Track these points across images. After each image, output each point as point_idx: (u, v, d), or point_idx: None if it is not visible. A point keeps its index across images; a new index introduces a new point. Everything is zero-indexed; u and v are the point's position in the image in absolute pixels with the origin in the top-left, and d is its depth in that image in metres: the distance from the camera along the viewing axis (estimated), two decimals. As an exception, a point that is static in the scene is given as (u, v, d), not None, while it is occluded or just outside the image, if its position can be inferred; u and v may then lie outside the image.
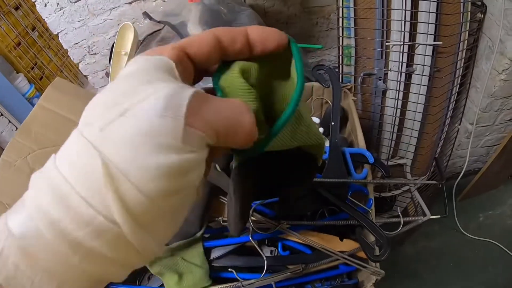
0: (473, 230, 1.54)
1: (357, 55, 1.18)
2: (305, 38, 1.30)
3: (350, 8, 1.13)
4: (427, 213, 0.69)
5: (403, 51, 1.14)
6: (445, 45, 1.14)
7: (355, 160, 0.74)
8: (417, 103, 1.18)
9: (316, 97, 0.91)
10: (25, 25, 2.10)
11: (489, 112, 1.35)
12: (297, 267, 0.60)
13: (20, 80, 2.01)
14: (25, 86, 2.04)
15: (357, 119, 0.82)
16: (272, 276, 0.60)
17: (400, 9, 1.11)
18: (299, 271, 0.60)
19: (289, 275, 0.60)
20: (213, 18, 0.86)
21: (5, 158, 0.83)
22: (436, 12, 1.10)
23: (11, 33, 1.99)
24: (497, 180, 1.63)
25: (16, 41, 2.02)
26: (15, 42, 2.01)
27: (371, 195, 0.69)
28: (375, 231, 0.62)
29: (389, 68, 1.17)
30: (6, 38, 1.96)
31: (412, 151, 1.26)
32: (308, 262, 0.62)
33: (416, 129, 1.22)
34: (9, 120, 1.87)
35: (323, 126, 0.82)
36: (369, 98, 1.22)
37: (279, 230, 0.62)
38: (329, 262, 0.62)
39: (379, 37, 1.15)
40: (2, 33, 1.94)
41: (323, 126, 0.82)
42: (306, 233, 0.62)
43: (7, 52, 1.95)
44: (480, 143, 1.49)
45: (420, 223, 0.69)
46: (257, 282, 0.59)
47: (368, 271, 0.60)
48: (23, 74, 2.04)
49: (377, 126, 1.23)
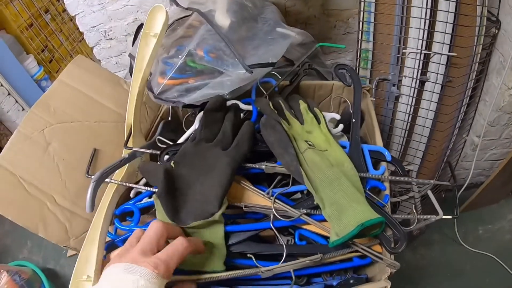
0: (472, 243, 1.56)
1: (373, 59, 1.20)
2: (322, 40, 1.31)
3: (371, 13, 1.15)
4: (440, 213, 0.70)
5: (419, 58, 1.16)
6: (460, 56, 1.16)
7: (372, 157, 0.75)
8: (428, 110, 1.20)
9: (336, 96, 0.92)
10: (38, 6, 2.10)
11: (496, 126, 1.37)
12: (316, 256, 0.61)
13: (30, 62, 2.01)
14: (34, 68, 2.04)
15: (375, 119, 0.83)
16: (291, 264, 0.60)
17: (418, 18, 1.13)
18: (318, 259, 0.60)
19: (307, 263, 0.60)
20: (241, 9, 0.87)
21: (21, 130, 0.82)
22: (453, 23, 1.12)
23: (24, 13, 1.99)
24: (499, 195, 1.65)
25: (28, 22, 2.03)
26: (27, 23, 2.02)
27: (388, 191, 0.70)
28: (392, 224, 0.63)
29: (404, 75, 1.18)
30: (19, 18, 1.96)
31: (419, 157, 1.28)
32: (326, 252, 0.62)
33: (425, 135, 1.24)
34: (16, 100, 1.87)
35: (342, 123, 0.83)
36: (382, 103, 1.23)
37: (300, 218, 0.62)
38: (347, 253, 0.63)
39: (397, 43, 1.16)
40: (15, 13, 1.94)
41: (342, 123, 0.83)
42: (325, 223, 0.63)
43: (19, 32, 1.96)
44: (485, 156, 1.51)
45: (433, 221, 0.70)
46: (276, 268, 0.60)
47: (385, 262, 0.61)
48: (33, 55, 2.04)
49: (387, 130, 1.24)
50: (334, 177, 0.62)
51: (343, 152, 0.70)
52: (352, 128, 0.77)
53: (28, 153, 0.81)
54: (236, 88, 0.73)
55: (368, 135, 0.87)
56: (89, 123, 0.87)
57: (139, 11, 1.32)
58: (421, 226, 0.77)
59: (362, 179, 0.67)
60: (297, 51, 1.05)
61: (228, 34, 0.78)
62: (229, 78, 0.72)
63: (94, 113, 0.88)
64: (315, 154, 0.67)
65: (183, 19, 0.86)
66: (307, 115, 0.77)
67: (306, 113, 0.78)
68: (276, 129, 0.70)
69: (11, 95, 1.85)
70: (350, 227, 0.54)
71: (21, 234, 1.90)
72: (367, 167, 0.72)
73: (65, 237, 0.79)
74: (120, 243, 0.69)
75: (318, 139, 0.73)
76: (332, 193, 0.60)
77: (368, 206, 0.58)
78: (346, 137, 0.84)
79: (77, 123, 0.87)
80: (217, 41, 0.76)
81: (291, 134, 0.71)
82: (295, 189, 0.68)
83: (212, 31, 0.77)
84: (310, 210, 0.64)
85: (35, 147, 0.82)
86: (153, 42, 0.74)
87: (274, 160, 0.71)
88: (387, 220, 0.61)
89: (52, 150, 0.83)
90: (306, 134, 0.74)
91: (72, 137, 0.85)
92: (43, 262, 1.80)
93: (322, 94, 0.92)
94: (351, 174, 0.66)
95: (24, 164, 0.80)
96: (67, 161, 0.83)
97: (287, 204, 0.65)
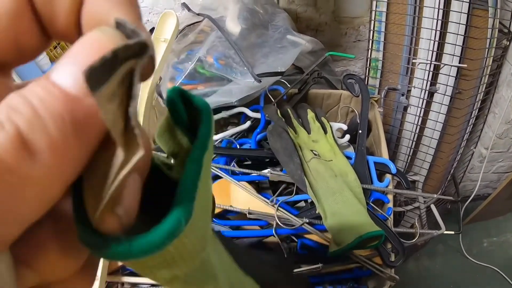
0: (476, 255, 1.55)
1: (383, 69, 1.20)
2: (333, 47, 1.32)
3: (382, 22, 1.15)
4: (442, 227, 0.71)
5: (428, 69, 1.15)
6: (470, 68, 1.16)
7: (378, 169, 0.76)
8: (436, 121, 1.19)
9: (343, 105, 0.92)
10: (53, 4, 2.13)
11: (505, 138, 1.36)
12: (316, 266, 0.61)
13: (42, 58, 2.02)
14: (46, 64, 2.06)
15: (382, 130, 0.84)
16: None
17: (429, 29, 1.13)
18: (318, 269, 0.61)
19: (307, 272, 0.61)
20: (252, 16, 0.88)
21: None
22: (464, 35, 1.12)
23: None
24: (505, 208, 1.64)
25: (43, 19, 2.05)
26: (42, 20, 2.04)
27: (391, 204, 0.71)
28: (392, 238, 0.63)
29: (413, 85, 1.18)
30: (34, 15, 1.99)
31: (426, 168, 1.27)
32: (327, 262, 0.63)
33: (432, 146, 1.23)
34: None
35: (349, 133, 0.83)
36: (391, 112, 1.23)
37: (302, 227, 0.63)
38: (347, 264, 0.63)
39: (407, 54, 1.16)
40: (31, 10, 1.97)
41: (349, 133, 0.83)
42: (327, 233, 0.64)
43: (34, 29, 1.98)
44: (492, 168, 1.50)
45: (435, 235, 0.71)
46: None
47: (384, 275, 0.61)
48: (45, 52, 2.06)
49: (395, 140, 1.24)
50: (337, 188, 0.63)
51: (348, 163, 0.71)
52: (358, 139, 0.78)
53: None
54: (244, 96, 0.74)
55: (375, 145, 0.87)
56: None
57: (151, 13, 1.33)
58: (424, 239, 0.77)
59: (365, 191, 0.68)
60: (307, 58, 1.06)
61: (238, 41, 0.79)
62: (237, 86, 0.73)
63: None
64: (320, 164, 0.68)
65: (194, 25, 0.87)
66: (314, 124, 0.78)
67: (314, 123, 0.78)
68: (282, 136, 0.71)
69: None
70: (349, 238, 0.55)
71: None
72: (371, 178, 0.73)
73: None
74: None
75: (324, 148, 0.74)
76: (334, 204, 0.61)
77: (368, 219, 0.59)
78: (352, 147, 0.84)
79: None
80: (227, 48, 0.77)
81: (297, 142, 0.72)
82: (299, 198, 0.69)
83: (223, 38, 0.78)
84: (312, 220, 0.64)
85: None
86: (163, 48, 0.75)
87: (280, 167, 0.72)
88: (386, 234, 0.62)
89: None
90: (312, 143, 0.75)
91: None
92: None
93: (331, 103, 0.93)
94: (354, 185, 0.66)
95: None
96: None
97: (290, 212, 0.66)
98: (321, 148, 0.74)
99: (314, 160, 0.68)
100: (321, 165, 0.67)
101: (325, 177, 0.65)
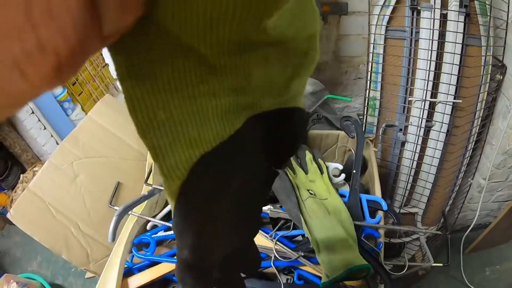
0: (478, 284, 1.57)
1: (381, 107, 1.28)
2: (333, 85, 1.40)
3: (379, 63, 1.23)
4: (431, 260, 0.77)
5: (423, 107, 1.23)
6: (464, 104, 1.22)
7: (370, 206, 0.83)
8: (433, 157, 1.26)
9: (341, 145, 1.00)
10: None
11: (503, 168, 1.40)
12: (310, 295, 0.69)
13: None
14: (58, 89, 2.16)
15: (376, 169, 0.91)
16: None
17: (424, 69, 1.20)
18: (312, 299, 0.68)
19: (303, 301, 0.68)
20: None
21: (53, 161, 0.94)
22: (458, 75, 1.19)
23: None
24: (506, 236, 1.66)
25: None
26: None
27: (382, 239, 0.78)
28: (380, 269, 0.70)
29: (410, 122, 1.26)
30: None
31: (424, 202, 1.33)
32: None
33: (430, 181, 1.29)
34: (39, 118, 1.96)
35: (344, 172, 0.91)
36: (389, 148, 1.30)
37: (298, 260, 0.70)
38: (339, 294, 0.70)
39: (403, 93, 1.24)
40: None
41: (345, 172, 0.91)
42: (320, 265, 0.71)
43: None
44: (492, 198, 1.55)
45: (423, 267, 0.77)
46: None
47: (373, 306, 0.68)
48: (66, 89, 2.18)
49: (393, 175, 1.31)
50: (330, 225, 0.70)
51: (341, 201, 0.78)
52: (352, 179, 0.85)
53: (57, 183, 0.93)
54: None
55: (370, 182, 0.94)
56: (114, 159, 0.99)
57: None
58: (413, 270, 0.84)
59: (358, 227, 0.75)
60: (308, 99, 1.14)
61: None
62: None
63: (119, 150, 1.00)
64: (315, 203, 0.75)
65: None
66: (311, 165, 0.86)
67: (311, 164, 0.86)
68: (281, 177, 0.79)
69: (34, 114, 1.95)
70: (338, 270, 0.62)
71: (31, 248, 1.89)
72: (364, 215, 0.80)
73: (86, 261, 0.90)
74: (136, 271, 0.78)
75: (320, 188, 0.82)
76: (327, 239, 0.68)
77: (357, 253, 0.66)
78: (348, 185, 0.92)
79: (103, 158, 0.98)
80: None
81: (295, 182, 0.80)
82: (296, 233, 0.77)
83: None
84: (307, 253, 0.72)
85: (64, 177, 0.93)
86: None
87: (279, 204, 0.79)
88: (375, 266, 0.69)
89: (79, 181, 0.94)
90: (309, 183, 0.83)
91: (97, 171, 0.96)
92: (51, 277, 1.80)
93: (329, 143, 1.01)
94: (347, 222, 0.74)
95: (53, 192, 0.92)
96: (92, 193, 0.94)
97: (288, 246, 0.73)
98: (317, 187, 0.82)
99: (310, 199, 0.76)
100: (316, 204, 0.75)
101: (319, 216, 0.73)
